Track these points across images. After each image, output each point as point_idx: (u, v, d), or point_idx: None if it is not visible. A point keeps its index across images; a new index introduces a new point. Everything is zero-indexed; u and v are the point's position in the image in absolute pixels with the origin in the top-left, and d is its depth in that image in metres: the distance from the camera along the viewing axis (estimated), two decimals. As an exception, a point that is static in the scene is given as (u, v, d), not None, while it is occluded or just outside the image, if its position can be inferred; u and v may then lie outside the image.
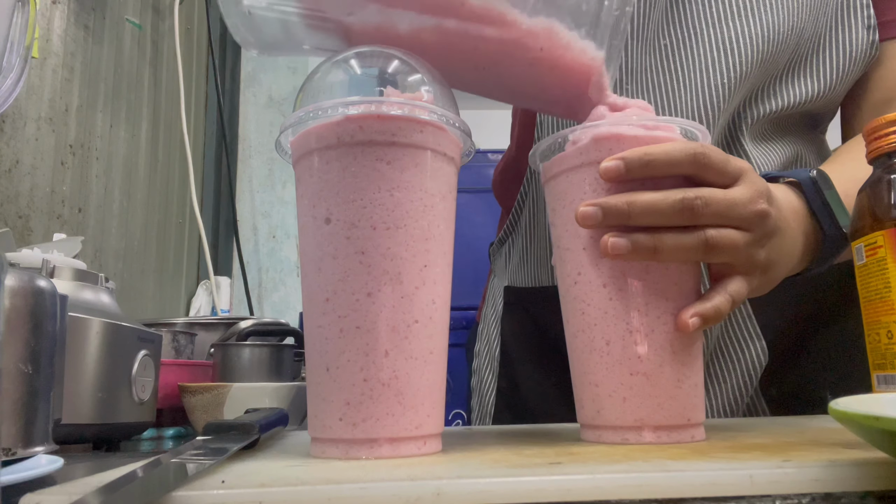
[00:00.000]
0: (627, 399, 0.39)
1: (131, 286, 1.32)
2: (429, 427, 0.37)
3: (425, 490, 0.25)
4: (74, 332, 0.54)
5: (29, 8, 0.43)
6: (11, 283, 0.40)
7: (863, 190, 0.45)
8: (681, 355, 0.39)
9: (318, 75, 0.40)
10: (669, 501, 0.25)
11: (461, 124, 0.39)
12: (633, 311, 0.39)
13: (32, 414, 0.40)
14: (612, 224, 0.39)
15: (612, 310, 0.40)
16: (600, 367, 0.40)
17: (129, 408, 0.59)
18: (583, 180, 0.41)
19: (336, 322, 0.36)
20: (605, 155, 0.40)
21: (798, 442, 0.35)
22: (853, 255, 0.45)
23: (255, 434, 0.38)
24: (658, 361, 0.39)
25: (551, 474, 0.26)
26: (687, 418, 0.39)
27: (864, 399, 0.28)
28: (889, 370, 0.41)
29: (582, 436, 0.42)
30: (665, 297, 0.39)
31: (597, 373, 0.40)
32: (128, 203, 1.33)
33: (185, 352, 0.84)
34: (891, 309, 0.41)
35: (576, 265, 0.42)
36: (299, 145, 0.39)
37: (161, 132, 1.46)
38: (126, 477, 0.27)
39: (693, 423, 0.39)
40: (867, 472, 0.26)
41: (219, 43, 1.72)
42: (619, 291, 0.40)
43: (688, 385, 0.39)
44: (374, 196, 0.36)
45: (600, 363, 0.40)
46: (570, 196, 0.42)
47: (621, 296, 0.40)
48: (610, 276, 0.40)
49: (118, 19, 1.32)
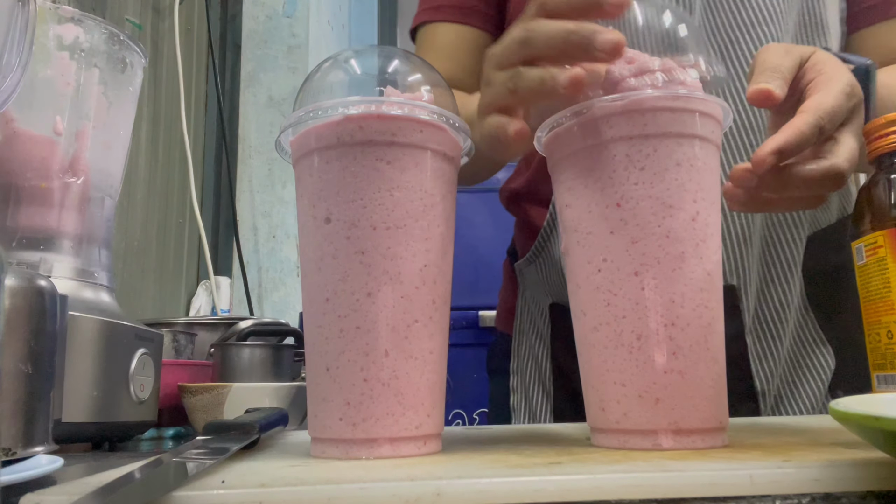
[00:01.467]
0: (661, 400, 0.35)
1: (131, 286, 1.32)
2: (429, 427, 0.37)
3: (425, 490, 0.25)
4: (71, 330, 0.54)
5: (29, 8, 0.43)
6: (11, 282, 0.40)
7: (863, 190, 0.45)
8: (714, 352, 0.36)
9: (317, 75, 0.40)
10: (669, 501, 0.25)
11: (461, 124, 0.39)
12: (667, 303, 0.36)
13: (32, 414, 0.40)
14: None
15: (644, 300, 0.36)
16: (629, 364, 0.36)
17: (129, 407, 0.59)
18: (612, 157, 0.37)
19: (336, 322, 0.36)
20: (638, 129, 0.37)
21: (798, 442, 0.35)
22: (853, 254, 0.45)
23: (255, 434, 0.38)
24: (694, 359, 0.36)
25: (551, 474, 0.26)
26: (720, 421, 0.36)
27: (864, 399, 0.28)
28: (889, 370, 0.41)
29: (598, 442, 0.38)
30: (700, 287, 0.36)
31: (624, 371, 0.36)
32: (128, 203, 1.33)
33: (185, 352, 0.84)
34: (891, 309, 0.41)
35: (600, 250, 0.37)
36: (299, 145, 0.39)
37: (161, 132, 1.46)
38: (126, 477, 0.27)
39: (723, 426, 0.37)
40: (867, 472, 0.26)
41: (219, 43, 1.72)
42: (652, 280, 0.36)
43: (720, 385, 0.37)
44: (375, 196, 0.36)
45: (629, 360, 0.36)
46: (597, 174, 0.38)
47: (655, 284, 0.36)
48: (642, 262, 0.36)
49: (118, 19, 1.32)
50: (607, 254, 0.37)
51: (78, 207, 0.60)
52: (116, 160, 0.66)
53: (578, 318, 0.40)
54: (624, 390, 0.36)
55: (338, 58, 0.41)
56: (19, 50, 0.42)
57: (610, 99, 0.37)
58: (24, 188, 0.58)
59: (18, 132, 0.58)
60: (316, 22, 1.78)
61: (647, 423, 0.36)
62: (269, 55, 1.70)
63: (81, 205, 0.61)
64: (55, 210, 0.59)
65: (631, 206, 0.37)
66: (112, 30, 0.63)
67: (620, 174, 0.37)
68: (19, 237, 0.57)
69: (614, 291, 0.37)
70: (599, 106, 0.37)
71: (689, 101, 0.37)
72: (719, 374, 0.37)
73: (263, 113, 1.69)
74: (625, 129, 0.37)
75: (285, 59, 1.70)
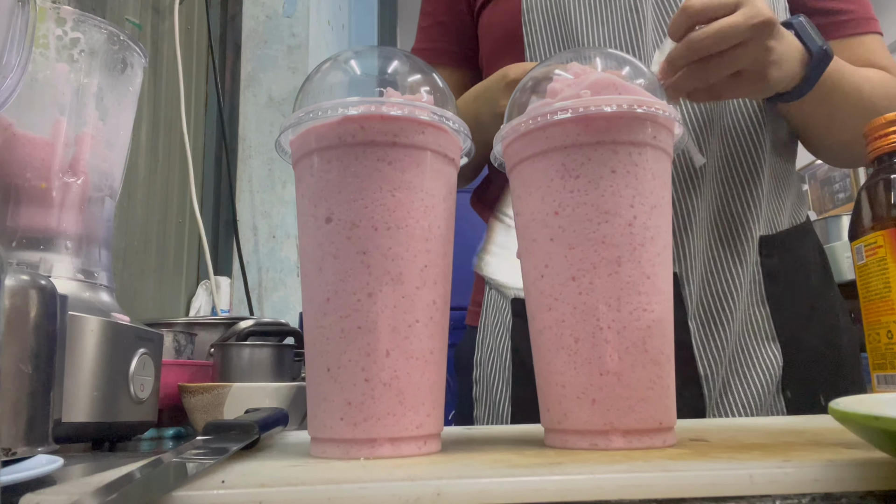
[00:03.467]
0: (597, 401, 0.36)
1: (131, 286, 1.32)
2: (429, 427, 0.37)
3: (425, 490, 0.25)
4: (71, 330, 0.54)
5: (29, 8, 0.43)
6: (11, 283, 0.40)
7: (863, 190, 0.45)
8: (654, 354, 0.37)
9: (317, 76, 0.41)
10: (669, 501, 0.25)
11: (461, 125, 0.39)
12: (603, 307, 0.37)
13: (32, 414, 0.40)
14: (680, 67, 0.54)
15: (581, 305, 0.37)
16: (568, 366, 0.37)
17: (129, 407, 0.59)
18: (549, 166, 0.39)
19: (337, 322, 0.36)
20: (572, 139, 0.38)
21: (798, 442, 0.35)
22: (853, 255, 0.45)
23: (255, 434, 0.38)
24: (630, 361, 0.36)
25: (551, 474, 0.26)
26: (659, 422, 0.37)
27: (864, 399, 0.28)
28: (889, 370, 0.41)
29: (546, 441, 0.40)
30: (637, 291, 0.37)
31: (564, 373, 0.37)
32: (127, 203, 1.33)
33: (185, 352, 0.84)
34: (891, 309, 0.41)
35: (542, 257, 0.39)
36: (299, 145, 0.39)
37: (161, 132, 1.46)
38: (126, 477, 0.27)
39: (665, 426, 0.37)
40: (867, 472, 0.26)
41: (219, 43, 1.72)
42: (588, 285, 0.37)
43: (661, 386, 0.37)
44: (376, 196, 0.36)
45: (568, 362, 0.37)
46: (537, 182, 0.39)
47: (591, 289, 0.37)
48: (579, 268, 0.37)
49: (118, 19, 1.32)
50: (549, 260, 0.39)
51: (78, 207, 0.61)
52: (116, 160, 0.66)
53: (529, 322, 0.41)
54: (564, 391, 0.38)
55: (338, 58, 0.41)
56: (19, 50, 0.42)
57: (544, 110, 0.38)
58: (24, 188, 0.58)
59: (18, 135, 0.58)
60: (316, 22, 1.78)
61: (584, 423, 0.37)
62: (269, 55, 1.70)
63: (81, 205, 0.61)
64: (55, 210, 0.59)
65: (567, 213, 0.38)
66: (112, 30, 0.63)
67: (557, 183, 0.38)
68: (19, 237, 0.57)
69: (555, 296, 0.38)
70: (536, 117, 0.38)
71: (623, 109, 0.37)
72: (659, 376, 0.37)
73: (263, 113, 1.69)
74: (560, 140, 0.38)
75: (285, 59, 1.70)
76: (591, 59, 0.43)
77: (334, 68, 0.41)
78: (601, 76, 0.39)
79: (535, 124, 0.39)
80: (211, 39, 1.63)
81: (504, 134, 0.41)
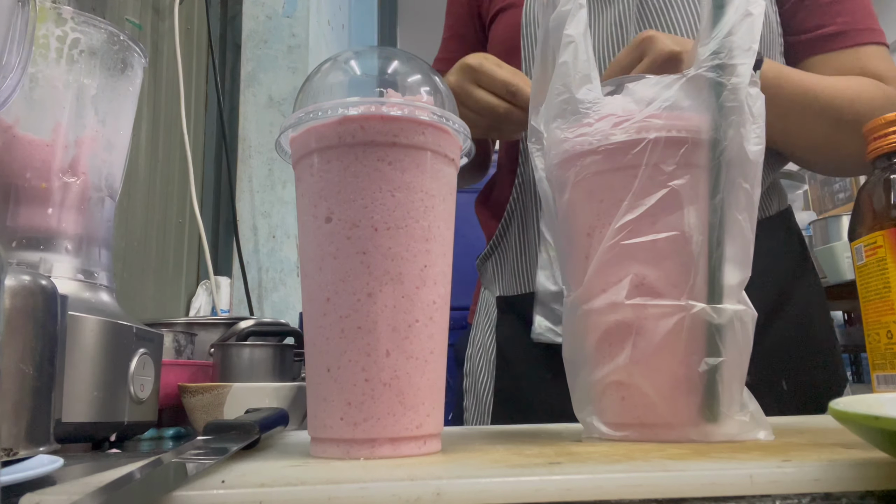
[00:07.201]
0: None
1: (131, 286, 1.32)
2: (429, 427, 0.37)
3: (425, 490, 0.25)
4: (71, 330, 0.54)
5: (29, 8, 0.43)
6: (11, 283, 0.40)
7: (863, 190, 0.45)
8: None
9: (317, 76, 0.41)
10: (669, 501, 0.25)
11: (461, 126, 0.39)
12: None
13: (33, 414, 0.40)
14: None
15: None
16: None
17: (129, 407, 0.59)
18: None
19: (337, 322, 0.36)
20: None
21: (798, 442, 0.35)
22: (853, 255, 0.45)
23: (256, 434, 0.38)
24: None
25: (551, 474, 0.26)
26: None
27: (864, 399, 0.28)
28: (889, 370, 0.41)
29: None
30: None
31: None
32: (127, 203, 1.33)
33: (185, 352, 0.84)
34: (891, 309, 0.41)
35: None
36: (299, 145, 0.39)
37: (161, 132, 1.46)
38: (126, 477, 0.27)
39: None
40: (867, 472, 0.26)
41: (219, 43, 1.72)
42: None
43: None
44: (376, 196, 0.36)
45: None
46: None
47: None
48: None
49: (118, 19, 1.32)
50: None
51: (78, 207, 0.61)
52: (116, 160, 0.66)
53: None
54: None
55: (338, 59, 0.41)
56: (19, 50, 0.42)
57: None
58: (24, 189, 0.58)
59: (18, 136, 0.58)
60: (316, 22, 1.78)
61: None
62: (269, 55, 1.70)
63: (81, 205, 0.61)
64: (55, 210, 0.59)
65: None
66: (112, 30, 0.63)
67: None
68: (19, 237, 0.57)
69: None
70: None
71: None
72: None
73: (263, 113, 1.69)
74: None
75: (285, 59, 1.70)
76: None
77: (334, 68, 0.41)
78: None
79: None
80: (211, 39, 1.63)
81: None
